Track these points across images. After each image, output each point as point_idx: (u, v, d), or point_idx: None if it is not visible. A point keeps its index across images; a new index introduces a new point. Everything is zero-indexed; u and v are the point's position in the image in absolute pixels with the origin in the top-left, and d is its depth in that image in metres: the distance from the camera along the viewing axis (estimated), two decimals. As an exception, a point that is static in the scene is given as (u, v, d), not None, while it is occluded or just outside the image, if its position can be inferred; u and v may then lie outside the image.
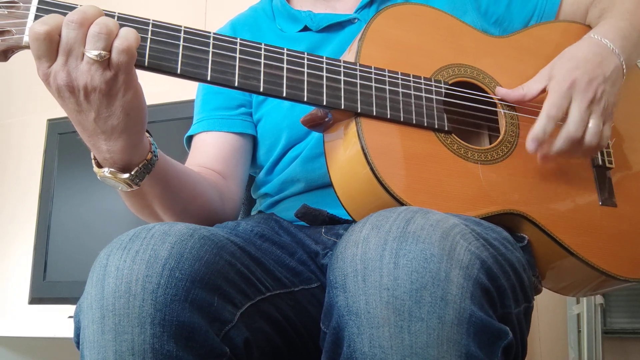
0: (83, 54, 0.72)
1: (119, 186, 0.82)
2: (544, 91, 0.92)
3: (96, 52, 0.71)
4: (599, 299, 2.31)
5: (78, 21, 0.71)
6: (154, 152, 0.83)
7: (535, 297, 0.87)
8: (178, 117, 1.94)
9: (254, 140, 1.09)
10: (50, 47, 0.71)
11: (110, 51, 0.72)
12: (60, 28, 0.71)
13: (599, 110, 0.91)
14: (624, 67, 0.96)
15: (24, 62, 0.73)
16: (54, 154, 2.22)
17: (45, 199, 2.20)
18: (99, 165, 0.81)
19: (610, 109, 0.93)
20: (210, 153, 1.05)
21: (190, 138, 1.10)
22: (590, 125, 0.90)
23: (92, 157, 0.81)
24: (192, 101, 1.14)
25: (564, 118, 0.90)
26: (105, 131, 0.76)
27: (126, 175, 0.81)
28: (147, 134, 0.84)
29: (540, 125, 0.88)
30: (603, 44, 0.96)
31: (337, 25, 1.06)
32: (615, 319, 2.80)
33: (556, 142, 0.90)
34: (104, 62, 0.72)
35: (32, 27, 0.71)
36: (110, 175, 0.80)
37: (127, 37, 0.72)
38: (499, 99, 0.95)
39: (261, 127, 1.07)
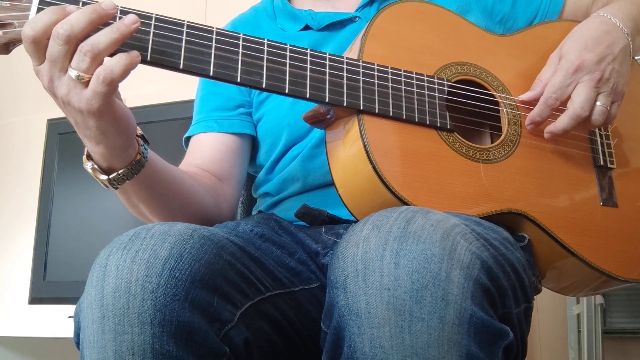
0: (67, 68, 0.71)
1: (98, 182, 0.83)
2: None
3: (76, 73, 0.70)
4: (599, 299, 2.31)
5: (64, 38, 0.69)
6: (140, 160, 0.82)
7: (535, 297, 0.87)
8: (178, 117, 1.94)
9: (253, 141, 1.09)
10: (37, 51, 0.71)
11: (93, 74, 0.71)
12: (49, 33, 0.70)
13: (607, 89, 0.92)
14: (632, 48, 0.97)
15: (25, 61, 0.73)
16: (54, 154, 2.22)
17: (45, 199, 2.20)
18: (89, 157, 0.82)
19: (620, 87, 0.94)
20: (206, 154, 1.05)
21: (188, 139, 1.10)
22: (597, 103, 0.92)
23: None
24: (192, 101, 1.13)
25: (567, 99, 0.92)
26: (85, 135, 0.77)
27: (104, 177, 0.81)
28: (140, 140, 0.83)
29: (538, 110, 0.92)
30: (612, 22, 0.96)
31: (338, 24, 1.06)
32: (615, 319, 2.80)
33: (562, 120, 0.92)
34: (84, 82, 0.71)
35: (23, 29, 0.70)
36: (90, 171, 0.81)
37: (112, 69, 0.71)
38: (521, 102, 0.95)
39: (261, 126, 1.06)
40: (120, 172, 0.81)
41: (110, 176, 0.81)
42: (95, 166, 0.81)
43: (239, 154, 1.07)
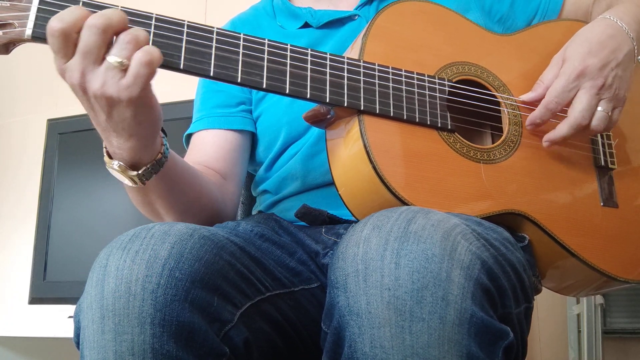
0: (102, 59, 0.71)
1: (124, 180, 0.82)
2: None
3: (119, 60, 0.70)
4: (599, 299, 2.32)
5: (102, 27, 0.70)
6: (165, 153, 0.82)
7: (535, 297, 0.87)
8: (178, 117, 1.94)
9: (253, 138, 1.09)
10: (66, 45, 0.70)
11: (130, 61, 0.71)
12: (78, 27, 0.70)
13: (608, 95, 0.92)
14: (636, 52, 0.96)
15: (25, 62, 0.73)
16: (54, 154, 2.22)
17: (45, 199, 2.20)
18: (110, 156, 0.81)
19: (622, 93, 0.94)
20: (209, 151, 1.05)
21: (189, 136, 1.10)
22: (599, 109, 0.91)
23: (104, 146, 0.80)
24: (192, 101, 1.13)
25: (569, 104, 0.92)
26: (117, 130, 0.76)
27: (134, 173, 0.80)
28: (161, 133, 0.83)
29: (538, 113, 0.92)
30: (618, 26, 0.96)
31: (337, 22, 1.06)
32: (615, 319, 2.81)
33: (561, 128, 0.92)
34: (122, 71, 0.71)
35: (49, 22, 0.70)
36: (118, 169, 0.80)
37: (150, 52, 0.71)
38: (522, 102, 0.95)
39: (261, 123, 1.06)
40: (148, 166, 0.80)
41: (140, 171, 0.80)
42: (122, 163, 0.80)
43: (240, 152, 1.07)
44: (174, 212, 0.92)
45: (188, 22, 0.78)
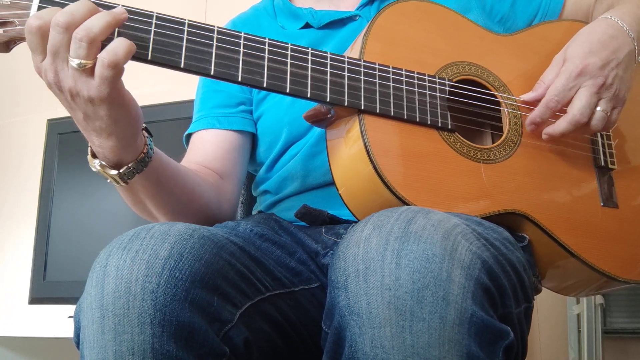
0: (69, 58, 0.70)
1: (107, 179, 0.82)
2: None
3: (77, 61, 0.69)
4: (599, 299, 2.32)
5: (64, 25, 0.69)
6: (148, 153, 0.82)
7: (535, 297, 0.87)
8: (178, 117, 1.94)
9: (253, 139, 1.09)
10: (42, 43, 0.70)
11: (95, 59, 0.70)
12: None
13: (608, 95, 0.92)
14: (637, 52, 0.96)
15: (25, 61, 0.73)
16: (54, 154, 2.22)
17: (45, 199, 2.20)
18: (94, 155, 0.81)
19: (622, 93, 0.94)
20: (208, 151, 1.05)
21: (189, 136, 1.10)
22: (598, 109, 0.91)
23: (89, 145, 0.81)
24: (192, 101, 1.13)
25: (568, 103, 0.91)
26: (95, 129, 0.76)
27: (114, 172, 0.80)
28: (146, 133, 0.83)
29: (538, 112, 0.92)
30: (619, 26, 0.96)
31: (338, 22, 1.06)
32: (615, 319, 2.81)
33: (560, 124, 0.92)
34: (88, 70, 0.70)
35: (28, 20, 0.70)
36: (99, 168, 0.80)
37: (116, 51, 0.70)
38: (522, 102, 0.95)
39: (261, 124, 1.06)
40: (130, 165, 0.80)
41: (121, 170, 0.80)
42: (103, 162, 0.80)
43: (240, 152, 1.07)
44: (166, 212, 0.92)
45: (189, 21, 0.78)
